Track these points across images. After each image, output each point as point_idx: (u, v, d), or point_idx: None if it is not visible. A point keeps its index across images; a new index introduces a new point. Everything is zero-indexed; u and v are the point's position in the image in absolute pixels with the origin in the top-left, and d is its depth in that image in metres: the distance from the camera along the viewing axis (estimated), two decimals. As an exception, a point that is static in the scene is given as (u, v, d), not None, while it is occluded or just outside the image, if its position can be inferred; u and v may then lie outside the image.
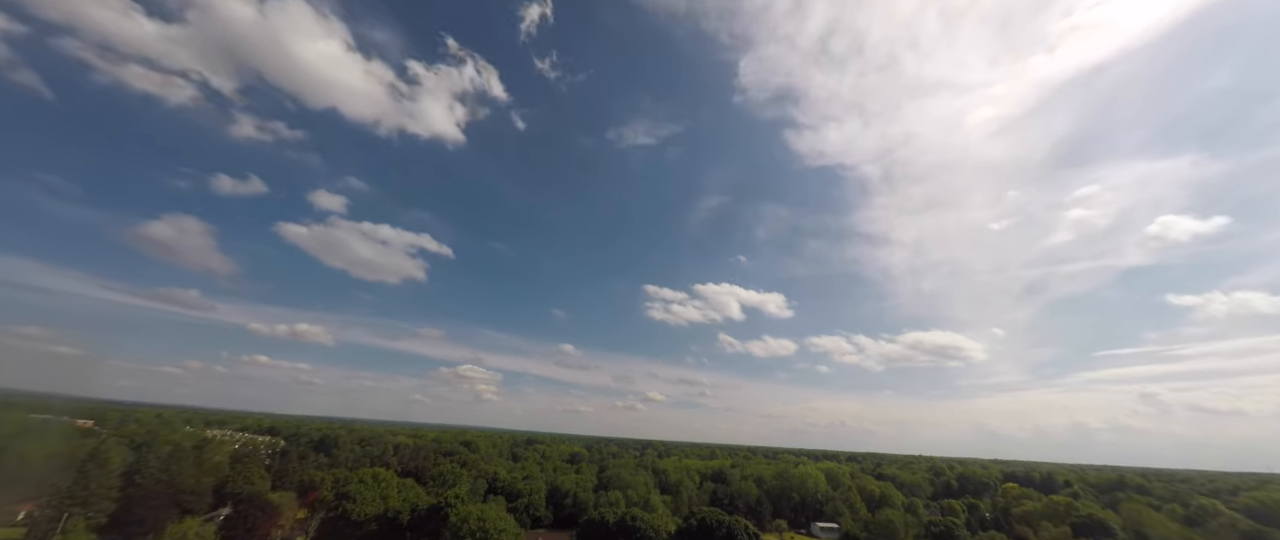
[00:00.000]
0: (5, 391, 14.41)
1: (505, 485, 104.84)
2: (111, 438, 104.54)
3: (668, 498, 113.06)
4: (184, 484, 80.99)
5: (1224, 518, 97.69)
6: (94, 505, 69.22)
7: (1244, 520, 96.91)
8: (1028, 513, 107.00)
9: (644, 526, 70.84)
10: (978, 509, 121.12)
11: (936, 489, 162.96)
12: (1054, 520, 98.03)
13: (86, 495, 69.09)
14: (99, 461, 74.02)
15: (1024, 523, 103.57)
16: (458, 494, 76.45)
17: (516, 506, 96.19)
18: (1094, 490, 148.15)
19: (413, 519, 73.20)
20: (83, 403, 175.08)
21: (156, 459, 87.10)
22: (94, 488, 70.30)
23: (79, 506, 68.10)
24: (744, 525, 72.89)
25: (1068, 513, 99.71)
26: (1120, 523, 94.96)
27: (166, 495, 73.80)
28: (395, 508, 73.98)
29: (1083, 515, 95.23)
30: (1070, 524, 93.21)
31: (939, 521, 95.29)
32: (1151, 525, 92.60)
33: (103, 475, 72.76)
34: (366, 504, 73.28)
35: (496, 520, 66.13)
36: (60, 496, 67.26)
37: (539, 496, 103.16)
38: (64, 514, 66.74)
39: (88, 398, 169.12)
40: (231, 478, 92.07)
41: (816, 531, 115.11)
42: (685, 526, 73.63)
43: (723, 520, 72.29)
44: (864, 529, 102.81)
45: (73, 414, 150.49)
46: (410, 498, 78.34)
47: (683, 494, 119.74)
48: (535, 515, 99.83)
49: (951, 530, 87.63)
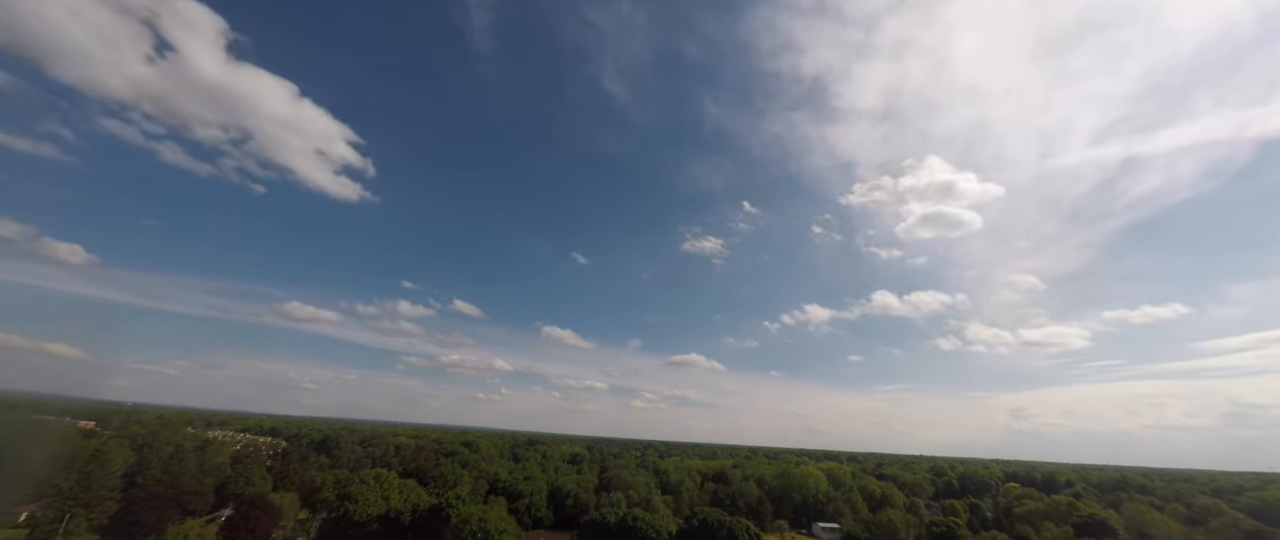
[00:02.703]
0: (5, 392, 14.49)
1: (506, 486, 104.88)
2: (113, 439, 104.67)
3: (669, 498, 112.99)
4: (186, 485, 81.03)
5: (1226, 517, 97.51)
6: (96, 506, 69.33)
7: (1247, 519, 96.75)
8: (1029, 512, 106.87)
9: (645, 527, 70.76)
10: (979, 509, 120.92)
11: (938, 489, 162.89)
12: (1056, 520, 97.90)
13: (88, 496, 69.20)
14: (100, 462, 74.16)
15: (1026, 522, 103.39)
16: (459, 494, 76.51)
17: (517, 507, 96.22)
18: (1096, 490, 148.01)
19: (414, 519, 73.24)
20: (83, 403, 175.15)
21: (158, 460, 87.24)
22: (96, 489, 70.40)
23: (81, 507, 68.21)
24: (745, 526, 72.84)
25: (1069, 512, 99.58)
26: (1122, 522, 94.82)
27: (168, 496, 73.76)
28: (397, 508, 74.06)
29: (1084, 515, 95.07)
30: (1072, 524, 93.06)
31: (940, 521, 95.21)
32: (1154, 525, 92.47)
33: (104, 476, 72.89)
34: (368, 504, 73.37)
35: (497, 521, 66.20)
36: (62, 497, 67.37)
37: (540, 497, 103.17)
38: (66, 515, 66.84)
39: (88, 398, 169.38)
40: (233, 478, 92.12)
41: (818, 532, 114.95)
42: (686, 527, 73.59)
43: (724, 521, 72.25)
44: (865, 529, 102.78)
45: (74, 415, 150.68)
46: (412, 498, 78.41)
47: (684, 494, 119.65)
48: (536, 516, 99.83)
49: (953, 530, 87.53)
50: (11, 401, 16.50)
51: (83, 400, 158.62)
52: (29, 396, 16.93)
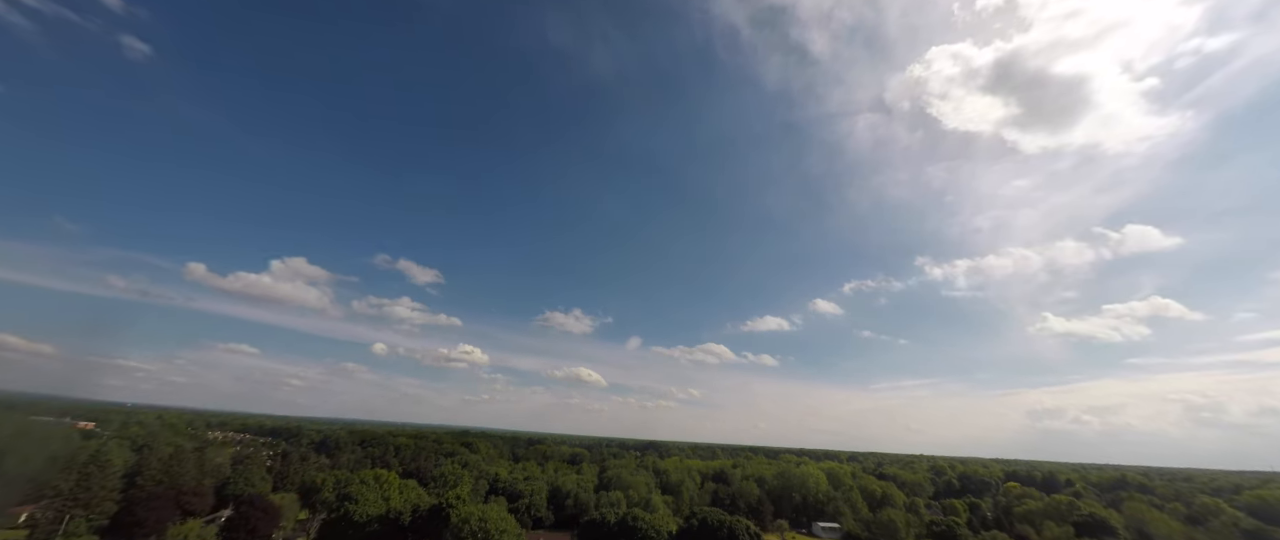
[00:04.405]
0: (5, 393, 14.48)
1: (506, 486, 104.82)
2: (113, 439, 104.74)
3: (669, 498, 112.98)
4: (185, 485, 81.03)
5: (1226, 516, 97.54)
6: (96, 507, 69.33)
7: (1246, 519, 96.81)
8: (1030, 512, 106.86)
9: (645, 527, 70.69)
10: (979, 508, 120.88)
11: (938, 488, 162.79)
12: (1056, 519, 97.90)
13: (88, 497, 69.18)
14: (100, 463, 74.20)
15: (1026, 522, 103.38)
16: (459, 495, 76.36)
17: (517, 507, 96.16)
18: (1095, 489, 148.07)
19: (414, 519, 73.16)
20: (82, 404, 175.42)
21: (158, 461, 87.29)
22: (95, 489, 70.39)
23: (81, 508, 68.19)
24: (745, 525, 72.77)
25: (1070, 511, 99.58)
26: (1122, 522, 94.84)
27: (168, 497, 73.80)
28: (397, 508, 73.98)
29: (1085, 514, 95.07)
30: (1072, 523, 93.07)
31: (940, 521, 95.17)
32: (1154, 524, 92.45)
33: (104, 477, 72.90)
34: (368, 505, 73.28)
35: (498, 521, 66.11)
36: (62, 498, 67.36)
37: (540, 497, 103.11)
38: (66, 515, 66.82)
39: (87, 399, 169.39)
40: (233, 479, 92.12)
41: (818, 531, 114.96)
42: (686, 527, 73.51)
43: (724, 520, 72.18)
44: (865, 529, 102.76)
45: (74, 415, 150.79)
46: (412, 498, 78.34)
47: (684, 494, 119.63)
48: (536, 516, 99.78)
49: (953, 529, 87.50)
50: (12, 402, 16.49)
51: (81, 401, 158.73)
52: (29, 398, 16.92)
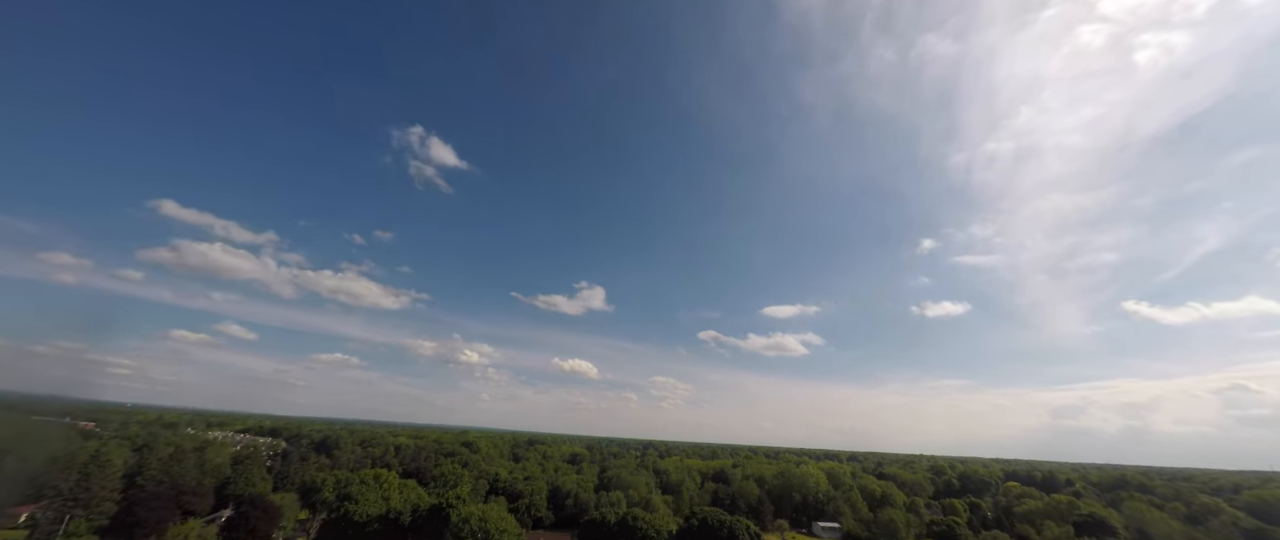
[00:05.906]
0: (4, 393, 14.47)
1: (506, 486, 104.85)
2: (113, 440, 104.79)
3: (669, 498, 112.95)
4: (186, 485, 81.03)
5: (1226, 516, 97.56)
6: (96, 507, 69.36)
7: (1246, 518, 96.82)
8: (1030, 511, 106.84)
9: (645, 526, 70.73)
10: (979, 508, 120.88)
11: (938, 488, 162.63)
12: (1056, 519, 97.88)
13: (88, 497, 69.22)
14: (100, 463, 74.18)
15: (1026, 521, 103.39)
16: (459, 494, 76.43)
17: (517, 507, 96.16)
18: (1096, 489, 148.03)
19: (414, 519, 73.22)
20: (83, 404, 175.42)
21: (158, 461, 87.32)
22: (96, 489, 70.43)
23: (81, 508, 68.23)
24: (745, 525, 72.78)
25: (1070, 511, 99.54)
26: (1122, 521, 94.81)
27: (168, 497, 73.75)
28: (397, 508, 74.03)
29: (1084, 514, 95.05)
30: (1072, 523, 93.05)
31: (940, 520, 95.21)
32: (1154, 524, 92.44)
33: (104, 477, 72.93)
34: (368, 504, 73.30)
35: (498, 521, 66.14)
36: (62, 498, 67.40)
37: (540, 497, 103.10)
38: (66, 515, 66.85)
39: (87, 399, 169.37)
40: (233, 479, 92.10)
41: (818, 531, 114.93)
42: (686, 526, 73.53)
43: (724, 520, 72.19)
44: (865, 528, 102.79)
45: (74, 415, 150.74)
46: (412, 498, 78.34)
47: (684, 494, 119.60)
48: (536, 515, 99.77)
49: (953, 529, 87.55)
50: (11, 402, 16.51)
51: (81, 401, 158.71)
52: (28, 398, 16.94)
